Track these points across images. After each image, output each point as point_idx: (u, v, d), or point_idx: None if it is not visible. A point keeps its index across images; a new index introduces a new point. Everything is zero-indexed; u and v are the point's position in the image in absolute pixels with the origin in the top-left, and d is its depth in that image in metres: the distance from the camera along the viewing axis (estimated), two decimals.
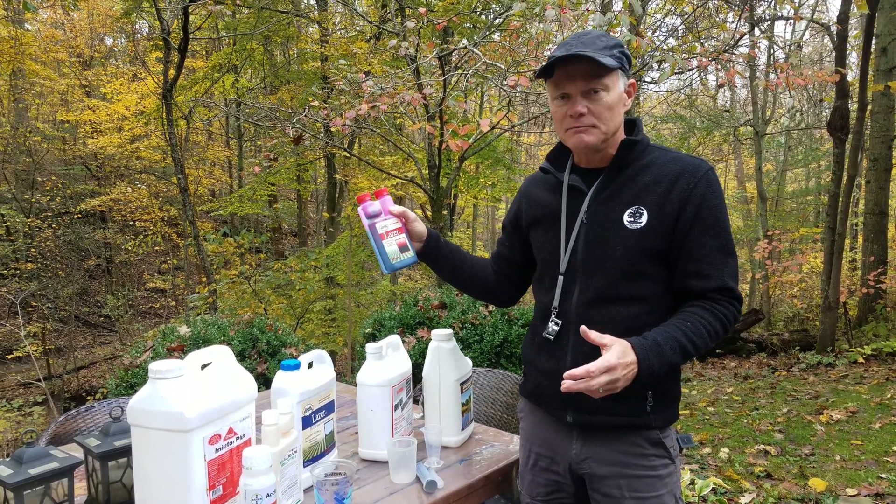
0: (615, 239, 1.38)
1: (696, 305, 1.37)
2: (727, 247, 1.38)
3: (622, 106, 1.41)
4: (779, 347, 8.18)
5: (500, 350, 3.66)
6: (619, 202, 1.40)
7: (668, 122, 13.66)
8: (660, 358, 1.29)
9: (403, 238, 1.54)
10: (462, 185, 10.39)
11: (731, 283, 1.37)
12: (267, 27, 9.40)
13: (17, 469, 1.29)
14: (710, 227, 1.36)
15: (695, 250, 1.36)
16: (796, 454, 4.09)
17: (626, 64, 1.39)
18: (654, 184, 1.38)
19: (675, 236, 1.36)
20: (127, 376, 3.26)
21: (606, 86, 1.36)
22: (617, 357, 1.25)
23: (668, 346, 1.30)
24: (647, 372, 1.28)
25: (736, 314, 1.38)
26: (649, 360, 1.28)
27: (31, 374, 10.29)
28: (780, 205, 14.27)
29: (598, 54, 1.32)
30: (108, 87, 13.84)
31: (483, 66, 4.49)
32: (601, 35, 1.38)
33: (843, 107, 7.06)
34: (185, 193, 7.73)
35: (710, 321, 1.34)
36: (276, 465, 1.30)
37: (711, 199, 1.36)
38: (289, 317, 7.97)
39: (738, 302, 1.38)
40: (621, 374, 1.25)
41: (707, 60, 4.53)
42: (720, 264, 1.36)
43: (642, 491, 1.40)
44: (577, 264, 1.43)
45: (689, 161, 1.40)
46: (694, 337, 1.32)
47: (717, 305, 1.36)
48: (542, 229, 1.53)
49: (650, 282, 1.38)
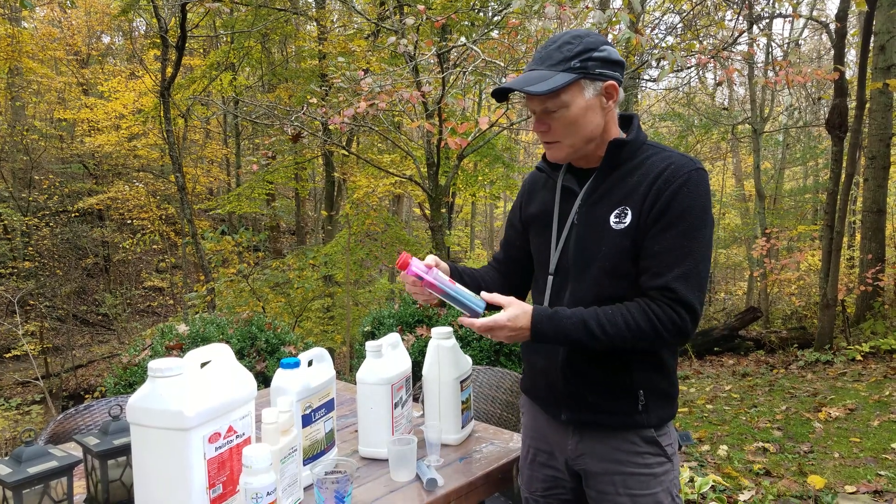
0: (602, 240, 1.37)
1: (631, 301, 1.33)
2: (687, 248, 1.29)
3: (595, 112, 1.36)
4: (777, 345, 8.20)
5: (499, 348, 3.65)
6: (607, 203, 1.38)
7: (666, 121, 13.67)
8: (556, 328, 1.31)
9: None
10: (460, 183, 10.38)
11: (679, 285, 1.28)
12: (265, 25, 9.37)
13: (16, 468, 1.29)
14: (671, 224, 1.30)
15: (650, 246, 1.32)
16: (795, 451, 4.10)
17: (600, 67, 1.33)
18: (640, 183, 1.35)
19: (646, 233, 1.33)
20: (125, 375, 3.25)
21: (564, 103, 1.33)
22: (506, 318, 1.31)
23: (569, 321, 1.31)
24: (539, 337, 1.32)
25: (675, 319, 1.27)
26: (542, 326, 1.32)
27: (29, 373, 10.27)
28: (779, 203, 14.28)
29: (541, 78, 1.31)
30: (105, 86, 13.78)
31: (482, 63, 4.48)
32: (566, 43, 1.34)
33: (841, 105, 7.06)
34: (183, 192, 7.71)
35: (633, 315, 1.29)
36: (276, 463, 1.29)
37: (683, 197, 1.30)
38: (287, 315, 7.96)
39: (683, 306, 1.28)
40: (506, 334, 1.32)
41: (706, 58, 4.53)
42: (672, 264, 1.29)
43: (636, 488, 1.40)
44: (568, 265, 1.43)
45: (676, 160, 1.35)
46: (606, 323, 1.29)
47: (651, 304, 1.29)
48: (537, 229, 1.53)
49: (632, 282, 1.36)
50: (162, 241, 14.76)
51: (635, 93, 11.61)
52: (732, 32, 6.60)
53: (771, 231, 9.83)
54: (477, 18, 7.65)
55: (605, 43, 1.36)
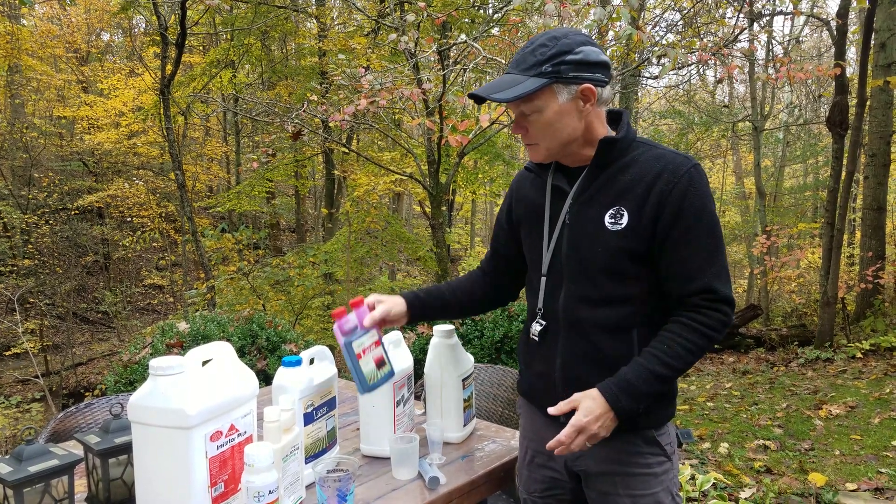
0: (597, 240, 1.36)
1: (675, 322, 1.33)
2: (712, 245, 1.31)
3: (570, 116, 1.34)
4: (777, 343, 8.20)
5: (500, 346, 3.65)
6: (600, 203, 1.37)
7: (666, 118, 13.67)
8: (633, 396, 1.29)
9: (381, 352, 1.49)
10: (461, 180, 10.37)
11: (717, 283, 1.30)
12: (265, 22, 9.35)
13: (17, 466, 1.28)
14: (691, 226, 1.30)
15: (676, 252, 1.32)
16: (796, 449, 4.10)
17: (575, 70, 1.30)
18: (635, 183, 1.34)
19: (655, 238, 1.32)
20: (126, 373, 3.25)
21: (538, 107, 1.33)
22: (584, 415, 1.27)
23: (640, 381, 1.29)
24: (624, 414, 1.29)
25: (723, 318, 1.31)
26: (621, 403, 1.28)
27: (28, 371, 10.26)
28: (779, 200, 14.27)
29: (513, 83, 1.31)
30: (105, 83, 13.76)
31: (483, 61, 4.47)
32: (541, 46, 1.32)
33: (842, 102, 7.06)
34: (183, 189, 7.70)
35: (688, 338, 1.30)
36: (278, 461, 1.29)
37: (693, 198, 1.30)
38: (287, 313, 7.95)
39: (726, 303, 1.31)
40: (596, 428, 1.27)
41: (707, 55, 4.52)
42: (703, 265, 1.31)
43: (637, 488, 1.40)
44: (561, 266, 1.42)
45: (671, 158, 1.34)
46: (671, 360, 1.29)
47: (698, 316, 1.30)
48: (528, 229, 1.53)
49: (634, 283, 1.36)
50: (162, 238, 14.74)
51: (636, 90, 11.60)
52: (733, 29, 6.59)
53: (771, 228, 9.83)
54: (477, 16, 7.63)
55: (584, 44, 1.32)
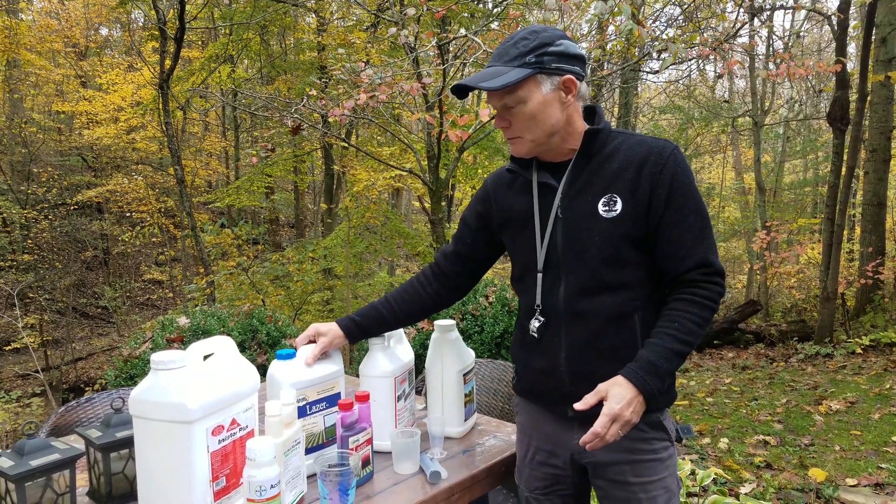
0: (593, 229, 1.38)
1: (678, 300, 1.36)
2: (702, 222, 1.37)
3: (553, 107, 1.36)
4: (777, 338, 8.21)
5: (500, 341, 3.65)
6: (591, 192, 1.39)
7: (666, 113, 13.65)
8: (658, 375, 1.31)
9: (368, 451, 1.51)
10: (460, 175, 10.35)
11: (711, 257, 1.36)
12: (263, 17, 9.32)
13: (19, 461, 1.28)
14: (682, 205, 1.35)
15: (671, 231, 1.36)
16: (796, 444, 4.11)
17: (557, 61, 1.33)
18: (623, 170, 1.38)
19: (649, 220, 1.36)
20: (126, 367, 3.25)
21: (521, 98, 1.35)
22: (616, 402, 1.27)
23: (662, 360, 1.31)
24: (652, 395, 1.30)
25: (720, 290, 1.36)
26: (649, 385, 1.30)
27: (29, 366, 10.27)
28: (779, 196, 14.26)
29: (497, 74, 1.32)
30: (103, 78, 13.71)
31: (483, 55, 4.46)
32: (522, 39, 1.34)
33: (843, 97, 7.05)
34: (182, 184, 7.67)
35: (695, 312, 1.34)
36: (279, 456, 1.28)
37: (681, 179, 1.36)
38: (287, 308, 7.95)
39: (720, 275, 1.37)
40: (629, 414, 1.27)
41: (707, 50, 4.50)
42: (696, 241, 1.36)
43: (647, 475, 1.41)
44: (557, 259, 1.42)
45: (653, 143, 1.39)
46: (685, 336, 1.33)
47: (698, 290, 1.35)
48: (514, 231, 1.52)
49: (632, 268, 1.38)
50: (161, 233, 14.73)
51: (636, 85, 11.57)
52: (734, 24, 6.56)
53: (771, 224, 9.83)
54: (477, 10, 7.61)
55: (562, 37, 1.36)
